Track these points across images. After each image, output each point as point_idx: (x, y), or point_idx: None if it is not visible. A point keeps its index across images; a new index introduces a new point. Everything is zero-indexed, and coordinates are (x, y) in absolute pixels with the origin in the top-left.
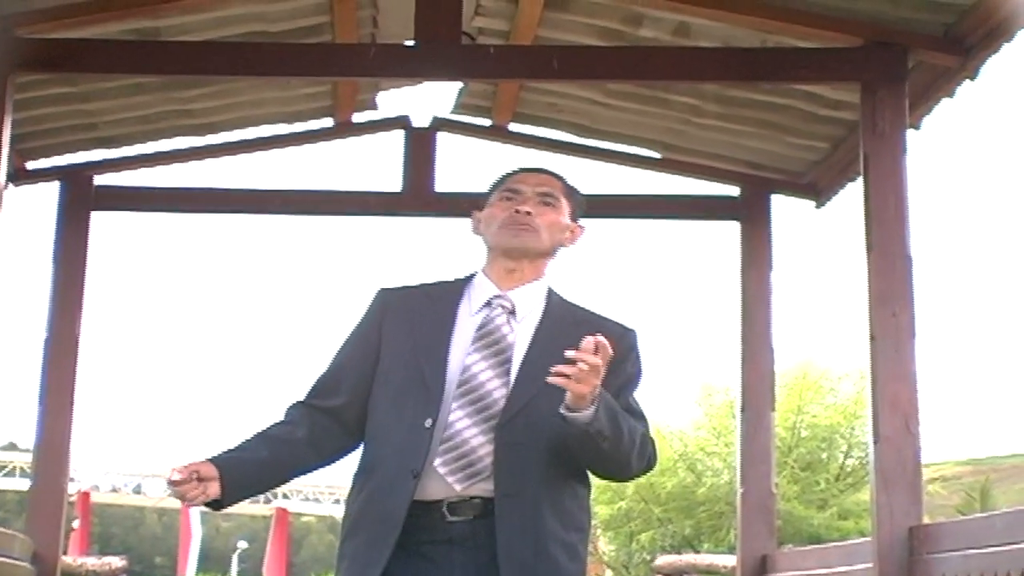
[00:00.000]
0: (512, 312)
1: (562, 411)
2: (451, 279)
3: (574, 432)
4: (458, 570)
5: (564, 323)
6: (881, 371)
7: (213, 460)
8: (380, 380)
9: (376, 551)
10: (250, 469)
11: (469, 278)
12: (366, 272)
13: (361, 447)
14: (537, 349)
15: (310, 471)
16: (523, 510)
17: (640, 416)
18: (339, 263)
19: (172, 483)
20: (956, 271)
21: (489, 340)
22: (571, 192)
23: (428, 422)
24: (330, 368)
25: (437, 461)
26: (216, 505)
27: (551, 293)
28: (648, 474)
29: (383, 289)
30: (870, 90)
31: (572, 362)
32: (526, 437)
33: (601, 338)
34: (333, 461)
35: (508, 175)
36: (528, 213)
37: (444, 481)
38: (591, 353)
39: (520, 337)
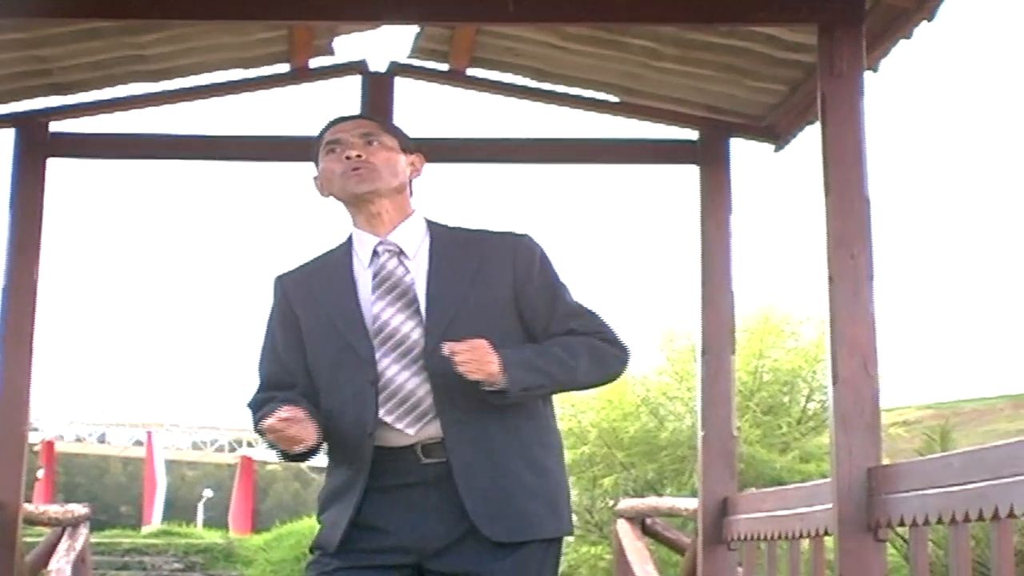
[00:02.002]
0: (401, 253)
1: (484, 389)
2: (334, 247)
3: (509, 402)
4: (433, 511)
5: (455, 247)
6: (839, 313)
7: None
8: (314, 360)
9: (344, 510)
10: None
11: (348, 240)
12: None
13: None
14: (438, 280)
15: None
16: (472, 435)
17: (584, 314)
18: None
19: (284, 420)
20: (916, 213)
21: (389, 285)
22: (391, 127)
23: (371, 380)
24: (270, 363)
25: (382, 412)
26: (303, 456)
27: (431, 224)
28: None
29: (278, 277)
30: (828, 32)
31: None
32: (452, 365)
33: (454, 344)
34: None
35: (324, 130)
36: (359, 156)
37: (396, 429)
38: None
39: (418, 273)
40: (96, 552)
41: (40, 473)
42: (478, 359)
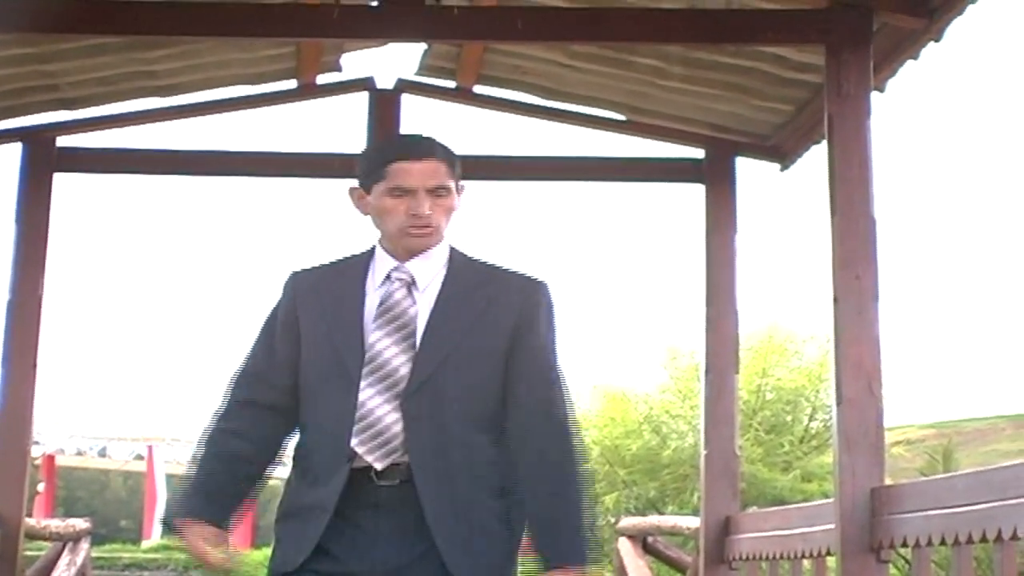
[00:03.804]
0: (412, 283)
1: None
2: (357, 253)
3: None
4: (383, 536)
5: (467, 286)
6: (844, 333)
7: (207, 521)
8: (305, 367)
9: (311, 532)
10: (230, 504)
11: (371, 252)
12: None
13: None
14: (439, 318)
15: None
16: (439, 481)
17: (557, 385)
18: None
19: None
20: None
21: (390, 316)
22: (452, 163)
23: (352, 404)
24: (259, 358)
25: (354, 441)
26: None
27: (453, 254)
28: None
29: (294, 273)
30: (835, 52)
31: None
32: (432, 409)
33: None
34: (283, 452)
35: (388, 157)
36: (428, 215)
37: (365, 461)
38: None
39: (423, 307)
40: (96, 566)
41: (41, 487)
42: None
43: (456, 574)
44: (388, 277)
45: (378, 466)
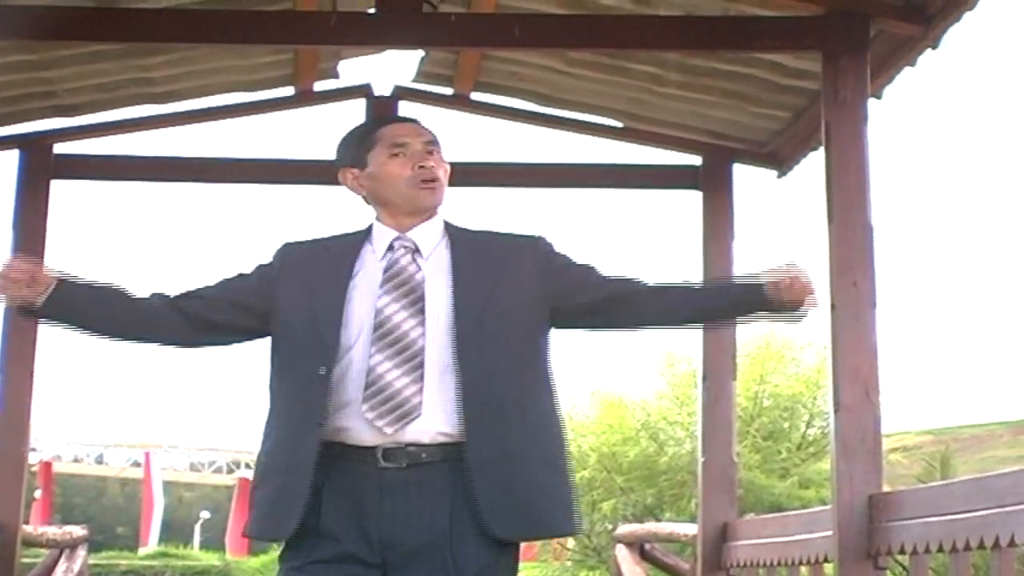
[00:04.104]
0: (416, 251)
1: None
2: (351, 231)
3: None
4: (387, 520)
5: (476, 249)
6: (841, 340)
7: (55, 274)
8: (280, 334)
9: (288, 501)
10: (81, 294)
11: (368, 229)
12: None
13: (268, 399)
14: (463, 283)
15: (137, 339)
16: (494, 434)
17: (626, 273)
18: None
19: (5, 277)
20: (917, 241)
21: (398, 281)
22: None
23: (322, 370)
24: (219, 285)
25: (364, 407)
26: (28, 311)
27: (448, 226)
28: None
29: (285, 243)
30: (832, 59)
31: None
32: (481, 362)
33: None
34: (161, 341)
35: (377, 129)
36: (432, 166)
37: (374, 427)
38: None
39: (432, 274)
40: (93, 573)
41: (37, 494)
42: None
43: (501, 534)
44: (391, 247)
45: (388, 431)
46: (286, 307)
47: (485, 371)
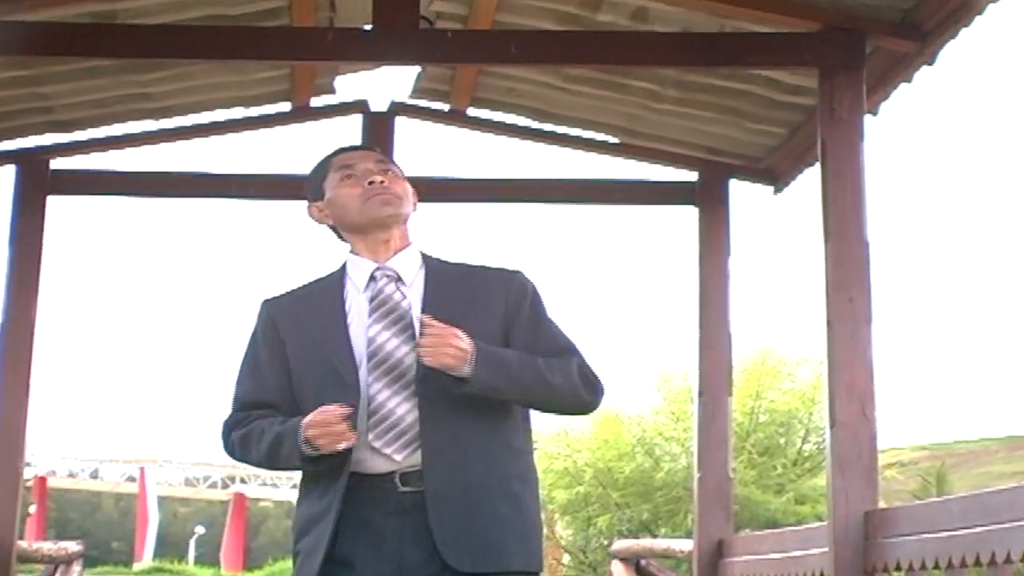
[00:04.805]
0: (399, 279)
1: (448, 375)
2: (324, 274)
3: (468, 392)
4: (409, 543)
5: (451, 278)
6: (837, 356)
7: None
8: (299, 385)
9: (322, 538)
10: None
11: (342, 267)
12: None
13: None
14: (433, 307)
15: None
16: (451, 464)
17: (568, 349)
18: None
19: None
20: (913, 257)
21: (385, 309)
22: (392, 160)
23: (351, 406)
24: (250, 382)
25: (370, 436)
26: (313, 458)
27: (426, 257)
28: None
29: (265, 301)
30: (828, 75)
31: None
32: (442, 393)
33: (427, 318)
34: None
35: (329, 159)
36: (383, 182)
37: (382, 454)
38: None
39: (413, 300)
40: None
41: (32, 508)
42: (437, 345)
43: (463, 570)
44: (373, 277)
45: (398, 458)
46: (298, 359)
47: (445, 401)
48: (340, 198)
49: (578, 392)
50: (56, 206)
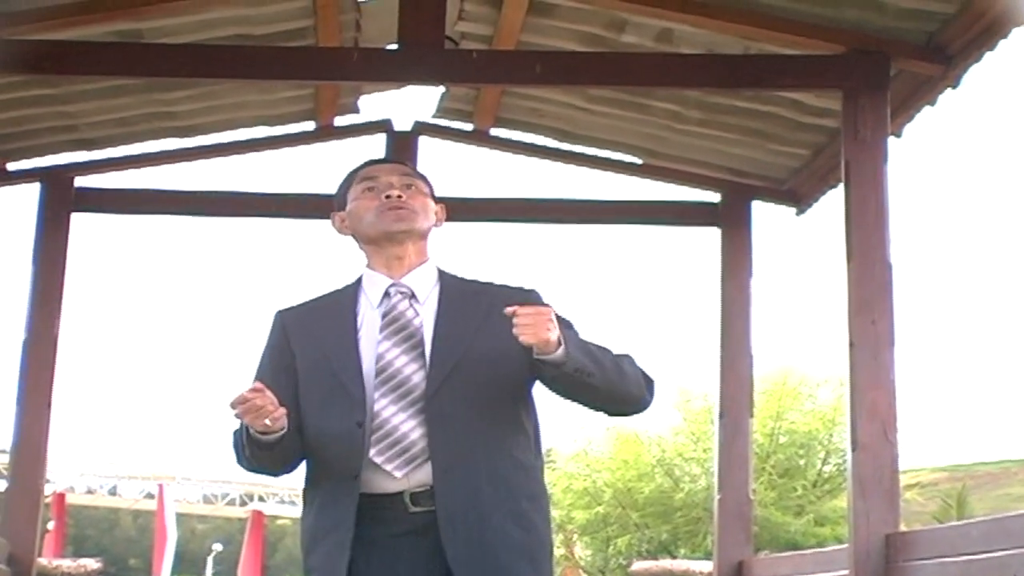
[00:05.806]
0: (412, 296)
1: (536, 357)
2: (340, 287)
3: (558, 375)
4: (422, 563)
5: (465, 296)
6: (860, 378)
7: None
8: (305, 398)
9: (336, 558)
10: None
11: (358, 280)
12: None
13: (304, 463)
14: (445, 325)
15: (280, 473)
16: (462, 483)
17: (603, 347)
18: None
19: (253, 391)
20: (936, 279)
21: (397, 326)
22: (421, 176)
23: (359, 422)
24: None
25: (372, 452)
26: (266, 443)
27: (442, 273)
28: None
29: (279, 311)
30: (852, 98)
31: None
32: (453, 410)
33: (518, 308)
34: (289, 471)
35: (357, 171)
36: (400, 196)
37: (383, 471)
38: (525, 312)
39: (426, 318)
40: None
41: (50, 525)
42: (536, 324)
43: None
44: (387, 293)
45: (398, 475)
46: (304, 370)
47: (455, 420)
48: (358, 210)
49: (640, 382)
50: (80, 224)
